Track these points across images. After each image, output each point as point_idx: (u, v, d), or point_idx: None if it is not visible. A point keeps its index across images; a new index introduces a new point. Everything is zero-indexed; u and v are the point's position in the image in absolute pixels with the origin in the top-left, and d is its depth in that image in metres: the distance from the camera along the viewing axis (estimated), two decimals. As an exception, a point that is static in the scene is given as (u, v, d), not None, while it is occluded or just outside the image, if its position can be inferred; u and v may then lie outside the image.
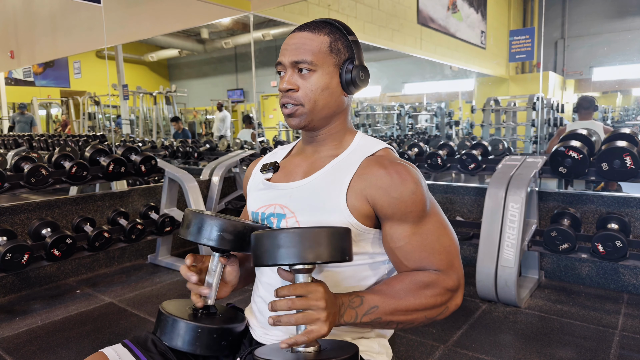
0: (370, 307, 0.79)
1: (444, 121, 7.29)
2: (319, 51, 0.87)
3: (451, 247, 0.87)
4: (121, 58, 6.53)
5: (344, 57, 0.90)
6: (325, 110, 0.90)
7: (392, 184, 0.84)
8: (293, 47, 0.88)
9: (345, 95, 0.92)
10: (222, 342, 0.88)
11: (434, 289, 0.82)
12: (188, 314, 0.90)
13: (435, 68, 8.53)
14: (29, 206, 2.82)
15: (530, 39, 3.30)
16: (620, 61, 8.60)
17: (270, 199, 0.94)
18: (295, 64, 0.88)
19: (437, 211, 0.89)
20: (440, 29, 7.33)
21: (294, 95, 0.88)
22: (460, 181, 3.98)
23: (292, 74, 0.89)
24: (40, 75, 8.55)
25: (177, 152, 4.79)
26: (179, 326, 0.87)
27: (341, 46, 0.90)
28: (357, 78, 0.90)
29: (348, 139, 0.95)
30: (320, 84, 0.88)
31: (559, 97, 9.25)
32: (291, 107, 0.89)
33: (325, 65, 0.88)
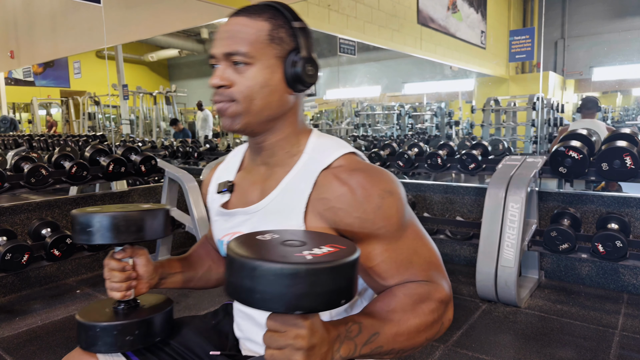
0: (370, 335, 0.66)
1: (444, 121, 7.29)
2: (256, 40, 0.74)
3: (432, 258, 0.77)
4: (121, 58, 6.53)
5: (288, 47, 0.76)
6: (265, 111, 0.76)
7: (352, 202, 0.72)
8: (226, 36, 0.75)
9: (291, 94, 0.78)
10: (150, 332, 0.86)
11: (429, 302, 0.72)
12: (107, 315, 0.86)
13: (435, 68, 8.54)
14: (29, 206, 2.82)
15: (530, 39, 3.30)
16: (620, 61, 8.60)
17: (233, 226, 0.85)
18: (228, 56, 0.75)
19: (412, 221, 0.78)
20: (440, 29, 7.34)
21: (226, 92, 0.76)
22: (460, 181, 3.98)
23: (225, 67, 0.76)
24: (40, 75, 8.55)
25: (177, 152, 4.79)
26: (93, 329, 0.83)
27: (284, 34, 0.76)
28: (303, 73, 0.76)
29: (300, 144, 0.81)
30: (259, 80, 0.75)
31: (559, 97, 9.25)
32: (222, 104, 0.76)
33: (265, 58, 0.75)
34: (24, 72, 7.77)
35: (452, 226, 3.01)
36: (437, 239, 3.11)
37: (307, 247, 0.60)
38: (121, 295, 0.86)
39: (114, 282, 0.85)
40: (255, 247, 0.59)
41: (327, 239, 0.64)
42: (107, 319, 0.84)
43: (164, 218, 0.88)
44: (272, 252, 0.58)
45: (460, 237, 2.93)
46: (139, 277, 0.88)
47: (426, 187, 3.35)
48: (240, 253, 0.56)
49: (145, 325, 0.86)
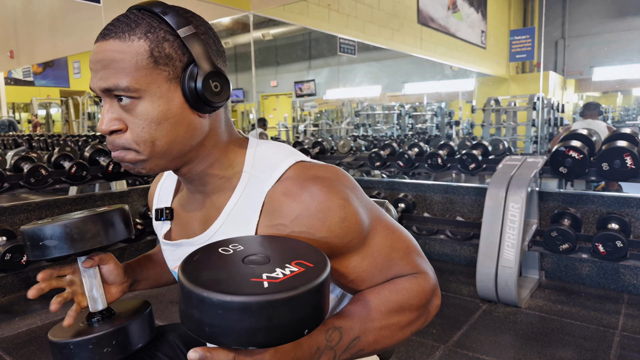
0: (351, 341, 0.62)
1: (444, 121, 7.29)
2: (136, 68, 0.59)
3: (410, 248, 0.71)
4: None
5: (180, 64, 0.61)
6: (173, 148, 0.64)
7: (312, 220, 0.62)
8: (99, 67, 0.60)
9: (201, 116, 0.65)
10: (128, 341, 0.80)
11: (415, 296, 0.68)
12: (81, 329, 0.79)
13: (435, 68, 8.54)
14: (28, 206, 2.82)
15: (530, 39, 3.30)
16: (621, 61, 8.60)
17: (180, 257, 0.73)
18: (108, 92, 0.61)
19: (378, 217, 0.70)
20: (440, 28, 7.33)
21: (119, 141, 0.62)
22: (460, 181, 3.98)
23: (110, 106, 0.62)
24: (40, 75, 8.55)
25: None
26: (66, 347, 0.76)
27: (171, 49, 0.61)
28: (206, 91, 0.61)
29: (236, 163, 0.70)
30: (154, 115, 0.61)
31: (559, 97, 9.25)
32: (123, 154, 0.63)
33: (153, 86, 0.60)
34: (23, 72, 7.76)
35: (453, 226, 3.01)
36: (438, 239, 3.11)
37: (269, 266, 0.53)
38: (71, 320, 0.79)
39: (65, 296, 0.79)
40: (210, 266, 0.53)
41: (295, 252, 0.57)
42: (81, 334, 0.77)
43: (122, 218, 0.81)
44: (227, 276, 0.51)
45: (461, 237, 2.93)
46: (109, 283, 0.82)
47: (426, 187, 3.35)
48: (189, 278, 0.50)
49: (123, 334, 0.79)
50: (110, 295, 0.82)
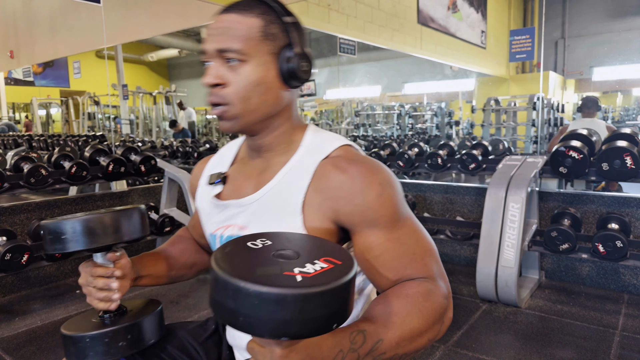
0: (374, 344, 0.62)
1: (444, 121, 7.30)
2: (249, 37, 0.72)
3: (432, 249, 0.75)
4: (121, 58, 6.53)
5: (281, 43, 0.75)
6: (261, 109, 0.76)
7: (353, 190, 0.71)
8: (218, 32, 0.73)
9: (286, 90, 0.77)
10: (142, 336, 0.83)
11: (431, 302, 0.68)
12: (94, 325, 0.82)
13: (435, 68, 8.54)
14: (28, 206, 2.82)
15: (530, 39, 3.30)
16: (621, 61, 8.60)
17: (227, 218, 0.83)
18: (221, 53, 0.73)
19: (409, 214, 0.77)
20: (440, 28, 7.33)
21: (221, 92, 0.74)
22: (460, 181, 3.98)
23: (218, 65, 0.74)
24: (40, 75, 8.55)
25: (177, 152, 4.79)
26: (82, 341, 0.78)
27: (277, 30, 0.74)
28: (297, 69, 0.74)
29: (297, 138, 0.81)
30: (253, 78, 0.73)
31: (559, 97, 9.25)
32: (220, 107, 0.75)
33: (259, 54, 0.73)
34: (23, 72, 7.76)
35: (453, 226, 3.01)
36: (437, 239, 3.11)
37: (299, 261, 0.55)
38: (107, 306, 0.81)
39: (102, 290, 0.80)
40: (242, 259, 0.55)
41: (322, 250, 0.59)
42: (95, 329, 0.80)
43: (139, 217, 0.85)
44: (260, 269, 0.53)
45: (461, 237, 2.93)
46: (124, 277, 0.84)
47: (426, 187, 3.35)
48: (224, 269, 0.51)
49: (137, 329, 0.82)
50: (122, 288, 0.84)
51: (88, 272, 0.81)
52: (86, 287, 0.82)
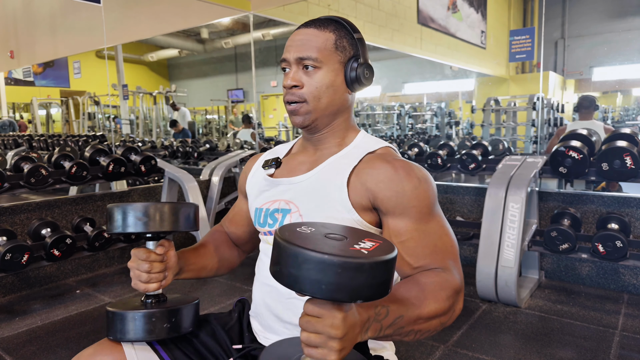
0: (395, 318, 0.71)
1: (444, 121, 7.29)
2: (324, 48, 0.87)
3: (454, 248, 0.84)
4: (121, 58, 6.53)
5: (349, 54, 0.89)
6: (329, 108, 0.89)
7: (394, 177, 0.83)
8: (298, 44, 0.87)
9: (349, 93, 0.92)
10: (180, 323, 0.90)
11: (447, 290, 0.77)
12: (139, 307, 0.90)
13: (435, 68, 8.54)
14: (28, 206, 2.82)
15: (530, 39, 3.30)
16: (620, 61, 8.60)
17: (275, 194, 0.94)
18: (300, 61, 0.87)
19: (440, 213, 0.87)
20: (440, 28, 7.33)
21: (297, 92, 0.87)
22: (460, 181, 3.98)
23: (296, 70, 0.88)
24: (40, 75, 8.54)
25: (177, 152, 4.79)
26: (129, 318, 0.87)
27: (346, 44, 0.89)
28: (362, 76, 0.89)
29: (350, 137, 0.94)
30: (325, 81, 0.87)
31: (559, 97, 9.25)
32: (295, 104, 0.88)
33: (331, 62, 0.87)
34: (23, 72, 7.76)
35: (452, 226, 3.01)
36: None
37: (350, 241, 0.63)
38: (158, 286, 0.89)
39: (153, 273, 0.88)
40: (307, 239, 0.62)
41: (362, 233, 0.68)
42: (140, 309, 0.88)
43: (194, 213, 0.95)
44: (330, 246, 0.61)
45: (461, 237, 2.93)
46: (169, 268, 0.92)
47: (426, 187, 3.35)
48: (302, 246, 0.58)
49: (179, 315, 0.90)
50: (166, 279, 0.92)
51: (140, 257, 0.88)
52: (135, 270, 0.89)
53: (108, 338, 0.89)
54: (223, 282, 2.89)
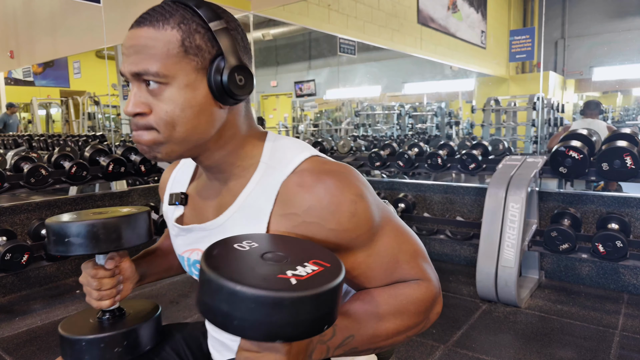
0: (344, 338, 0.62)
1: (444, 121, 7.30)
2: (167, 55, 0.61)
3: (417, 252, 0.72)
4: (121, 58, 6.53)
5: (209, 55, 0.63)
6: (192, 136, 0.65)
7: (323, 214, 0.64)
8: (131, 52, 0.63)
9: (222, 107, 0.66)
10: (138, 342, 0.82)
11: (417, 304, 0.68)
12: (92, 327, 0.81)
13: (435, 68, 8.54)
14: (28, 206, 2.82)
15: (530, 39, 3.30)
16: (621, 61, 8.60)
17: (191, 242, 0.78)
18: (137, 77, 0.63)
19: (388, 217, 0.71)
20: (440, 28, 7.33)
21: (142, 122, 0.64)
22: (460, 181, 3.98)
23: (138, 90, 0.64)
24: (40, 75, 8.54)
25: (177, 152, 4.79)
26: (77, 343, 0.78)
27: (202, 41, 0.63)
28: (231, 84, 0.63)
29: (255, 153, 0.71)
30: (179, 102, 0.62)
31: (559, 97, 9.25)
32: (140, 133, 0.65)
33: (181, 74, 0.62)
34: (23, 72, 7.76)
35: (452, 226, 3.01)
36: (437, 239, 3.12)
37: (289, 264, 0.54)
38: (111, 303, 0.80)
39: (104, 290, 0.79)
40: (232, 261, 0.53)
41: (310, 252, 0.58)
42: (92, 332, 0.79)
43: (145, 222, 0.83)
44: (252, 271, 0.52)
45: (461, 237, 2.93)
46: (125, 280, 0.84)
47: (426, 187, 3.35)
48: (217, 271, 0.50)
49: (134, 335, 0.81)
50: (123, 291, 0.84)
51: (89, 273, 0.79)
52: (86, 287, 0.80)
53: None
54: (223, 282, 2.89)
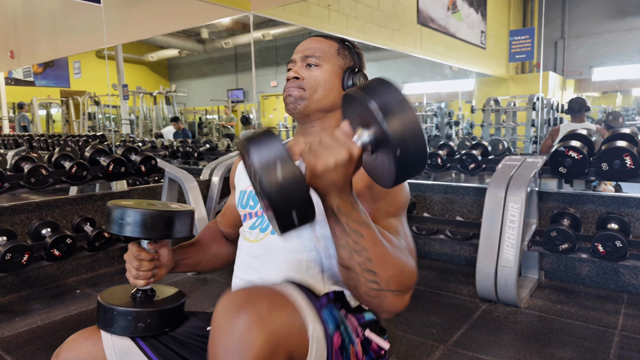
0: (363, 222, 0.74)
1: (444, 121, 7.30)
2: (327, 51, 0.99)
3: (411, 246, 0.87)
4: (121, 58, 6.53)
5: (348, 63, 1.00)
6: (322, 101, 0.97)
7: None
8: (305, 47, 1.00)
9: (342, 92, 0.98)
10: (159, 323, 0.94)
11: (408, 257, 0.80)
12: (125, 300, 0.95)
13: (435, 68, 8.54)
14: (29, 206, 2.82)
15: (530, 39, 3.30)
16: (620, 61, 8.61)
17: None
18: (304, 59, 0.98)
19: (405, 220, 0.93)
20: (440, 29, 7.33)
21: (297, 82, 0.97)
22: (460, 181, 3.98)
23: (300, 66, 0.98)
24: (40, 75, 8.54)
25: (177, 152, 4.79)
26: (111, 312, 0.91)
27: (347, 54, 1.01)
28: (357, 81, 0.98)
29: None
30: (324, 77, 0.97)
31: (559, 97, 9.25)
32: (292, 89, 0.97)
33: (331, 64, 0.98)
34: (24, 72, 7.76)
35: (452, 226, 3.01)
36: (437, 239, 3.12)
37: None
38: (145, 283, 0.94)
39: (141, 270, 0.94)
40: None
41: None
42: (125, 305, 0.92)
43: (190, 219, 0.98)
44: None
45: (460, 237, 2.93)
46: (161, 265, 0.98)
47: (426, 187, 3.35)
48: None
49: (158, 315, 0.93)
50: (158, 274, 0.98)
51: (132, 253, 0.95)
52: (127, 264, 0.96)
53: (97, 325, 0.95)
54: (223, 282, 2.89)
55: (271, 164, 0.64)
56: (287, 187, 0.63)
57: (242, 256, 1.00)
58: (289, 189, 0.64)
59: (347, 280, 0.79)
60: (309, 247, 0.91)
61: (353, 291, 0.79)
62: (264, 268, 0.94)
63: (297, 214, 0.65)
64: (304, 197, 0.65)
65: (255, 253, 0.96)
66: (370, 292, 0.75)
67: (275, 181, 0.63)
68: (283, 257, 0.92)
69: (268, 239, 0.95)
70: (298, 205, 0.65)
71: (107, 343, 0.92)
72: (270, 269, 0.93)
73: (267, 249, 0.94)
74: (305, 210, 0.66)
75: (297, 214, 0.65)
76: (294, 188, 0.64)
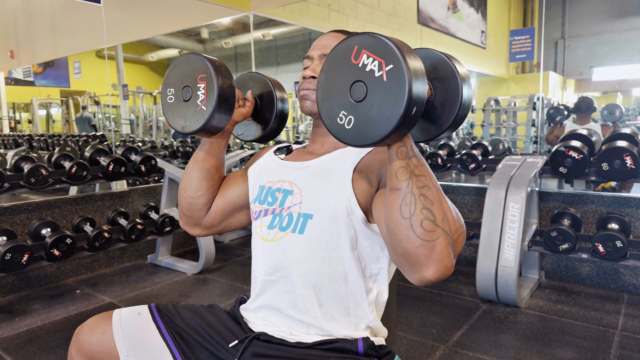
0: (422, 164, 0.75)
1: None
2: None
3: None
4: (121, 58, 6.52)
5: None
6: None
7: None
8: (323, 43, 0.99)
9: None
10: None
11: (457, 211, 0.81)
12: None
13: (435, 68, 8.51)
14: (29, 206, 2.82)
15: (530, 39, 3.30)
16: (621, 61, 8.60)
17: (281, 175, 0.99)
18: (322, 57, 0.98)
19: None
20: (440, 28, 7.33)
21: (313, 82, 0.97)
22: (460, 181, 3.97)
23: (318, 64, 0.98)
24: (40, 75, 8.54)
25: (177, 152, 4.79)
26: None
27: None
28: None
29: None
30: None
31: (559, 97, 9.25)
32: (308, 90, 0.98)
33: None
34: (23, 72, 7.76)
35: (452, 226, 3.01)
36: (437, 239, 3.10)
37: None
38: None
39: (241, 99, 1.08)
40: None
41: None
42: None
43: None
44: None
45: (461, 237, 2.92)
46: (238, 114, 1.06)
47: (426, 187, 3.34)
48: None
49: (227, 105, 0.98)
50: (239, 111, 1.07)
51: (243, 93, 1.10)
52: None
53: None
54: (223, 282, 2.89)
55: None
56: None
57: (260, 257, 0.98)
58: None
59: (398, 223, 0.74)
60: (331, 246, 0.89)
61: (402, 236, 0.73)
62: (283, 268, 0.93)
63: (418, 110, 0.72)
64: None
65: (273, 253, 0.95)
66: (427, 226, 0.71)
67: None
68: (304, 256, 0.91)
69: (288, 237, 0.93)
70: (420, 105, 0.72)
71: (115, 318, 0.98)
72: (292, 269, 0.92)
73: (286, 249, 0.93)
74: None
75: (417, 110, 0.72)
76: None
